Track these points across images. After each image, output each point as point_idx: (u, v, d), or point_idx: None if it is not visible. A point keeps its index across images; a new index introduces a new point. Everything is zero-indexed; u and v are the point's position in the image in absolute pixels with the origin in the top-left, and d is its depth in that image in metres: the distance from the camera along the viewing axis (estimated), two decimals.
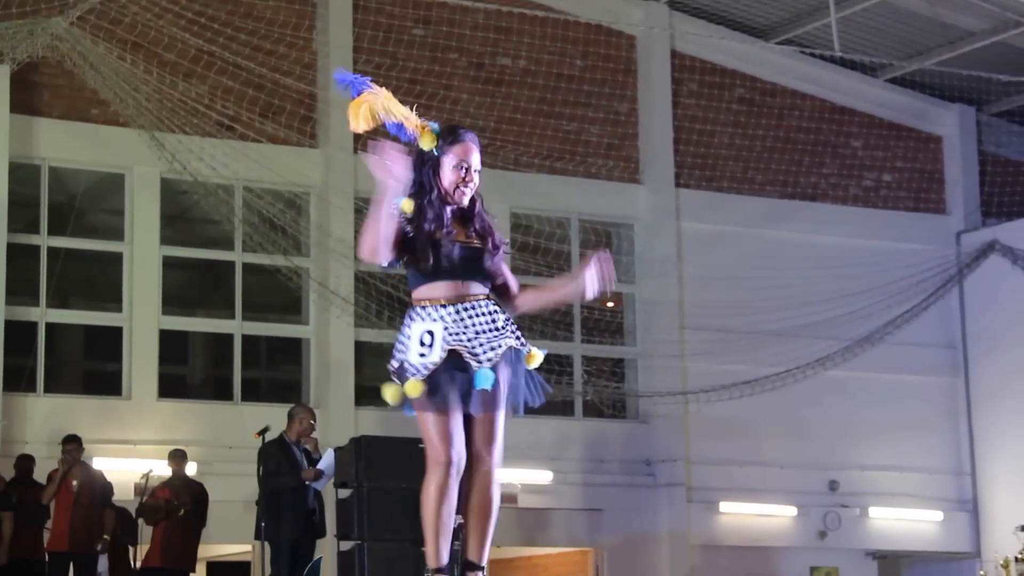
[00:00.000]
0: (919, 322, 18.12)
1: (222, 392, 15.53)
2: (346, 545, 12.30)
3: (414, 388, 5.20)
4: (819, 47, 17.49)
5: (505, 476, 16.33)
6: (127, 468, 13.57)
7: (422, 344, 5.25)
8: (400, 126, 5.26)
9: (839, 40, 16.70)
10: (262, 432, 12.07)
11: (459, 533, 5.46)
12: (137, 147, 14.52)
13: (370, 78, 5.31)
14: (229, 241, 15.49)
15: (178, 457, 13.11)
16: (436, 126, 5.30)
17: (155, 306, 15.02)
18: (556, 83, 17.10)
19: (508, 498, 16.10)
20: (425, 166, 5.27)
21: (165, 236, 15.26)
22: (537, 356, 5.34)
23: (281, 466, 12.00)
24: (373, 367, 16.66)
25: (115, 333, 14.97)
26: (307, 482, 12.01)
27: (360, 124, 5.22)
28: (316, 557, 12.03)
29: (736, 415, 17.03)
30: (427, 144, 5.26)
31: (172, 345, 15.34)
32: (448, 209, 5.33)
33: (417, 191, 5.28)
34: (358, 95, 5.23)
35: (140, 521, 12.78)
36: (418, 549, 12.08)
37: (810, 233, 18.04)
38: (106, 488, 12.97)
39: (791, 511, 17.66)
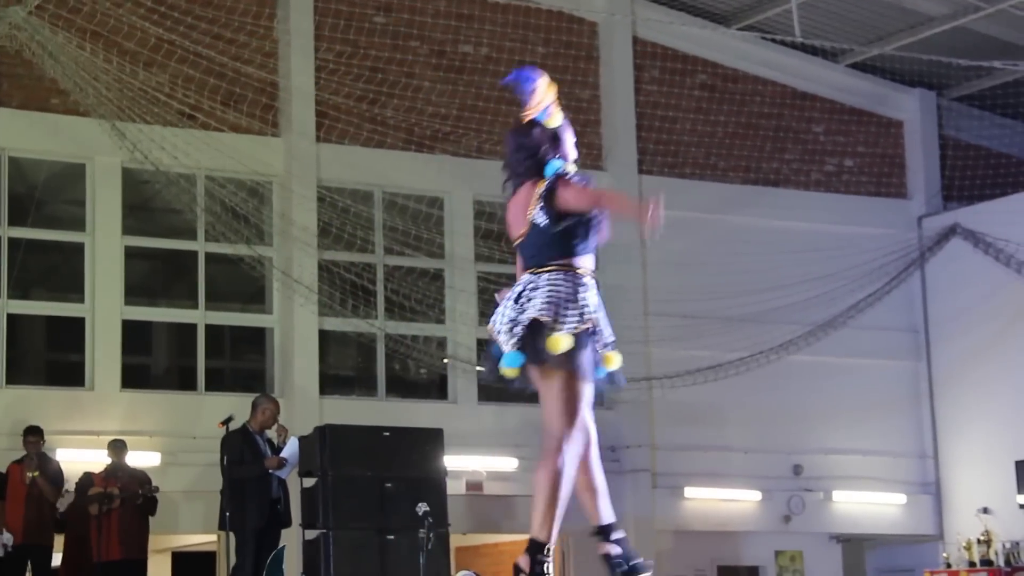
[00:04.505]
0: (881, 306, 18.26)
1: (186, 382, 15.52)
2: (311, 534, 12.35)
3: (559, 343, 5.42)
4: (780, 33, 17.58)
5: (470, 463, 16.48)
6: (90, 459, 13.52)
7: (594, 312, 5.56)
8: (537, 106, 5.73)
9: (800, 25, 16.80)
10: (226, 422, 12.09)
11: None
12: (98, 137, 14.47)
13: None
14: (191, 230, 15.47)
15: (118, 447, 13.06)
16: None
17: (117, 296, 14.99)
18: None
19: (473, 485, 16.18)
20: (562, 142, 5.73)
21: (127, 226, 15.22)
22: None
23: (244, 455, 12.03)
24: (337, 356, 16.70)
25: (77, 324, 14.93)
26: (271, 471, 12.04)
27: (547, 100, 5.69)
28: (280, 546, 12.05)
29: (700, 400, 17.13)
30: (556, 123, 5.74)
31: (135, 335, 15.31)
32: None
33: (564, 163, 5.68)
34: (538, 78, 5.73)
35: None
36: (383, 537, 12.22)
37: (773, 219, 18.14)
38: (57, 477, 12.93)
39: (756, 496, 17.78)
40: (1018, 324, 17.87)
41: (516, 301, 5.60)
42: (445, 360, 16.57)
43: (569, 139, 5.78)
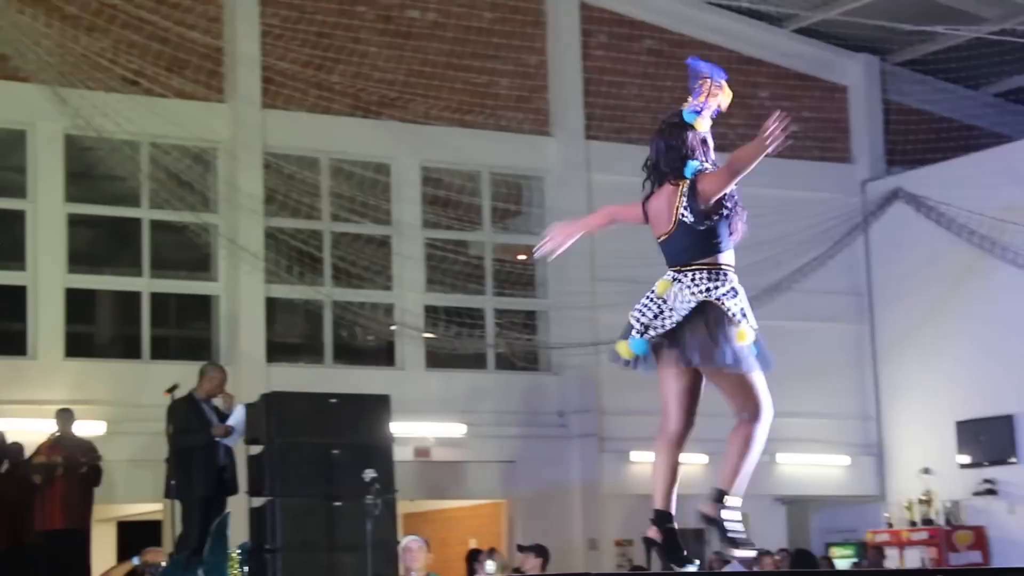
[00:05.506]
0: (826, 270, 18.22)
1: (131, 350, 15.27)
2: (258, 501, 12.21)
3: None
4: None
5: (418, 430, 16.32)
6: (35, 429, 13.27)
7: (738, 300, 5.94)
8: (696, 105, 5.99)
9: None
10: (171, 390, 11.92)
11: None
12: (39, 103, 14.18)
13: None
14: (135, 197, 15.21)
15: (65, 416, 12.80)
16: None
17: (60, 264, 14.71)
18: (465, 36, 16.93)
19: (421, 451, 16.05)
20: (687, 136, 5.97)
21: (70, 193, 14.92)
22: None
23: (191, 423, 11.86)
24: (284, 323, 16.50)
25: (19, 292, 14.64)
26: (217, 439, 11.87)
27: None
28: (224, 512, 11.87)
29: None
30: (704, 127, 6.01)
31: (79, 304, 15.04)
32: None
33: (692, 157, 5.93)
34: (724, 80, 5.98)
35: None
36: (330, 504, 12.05)
37: None
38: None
39: (702, 459, 17.60)
40: (959, 287, 17.90)
41: (666, 300, 5.89)
42: (393, 327, 16.42)
43: (711, 145, 5.98)
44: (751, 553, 5.92)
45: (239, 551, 11.91)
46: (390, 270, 16.32)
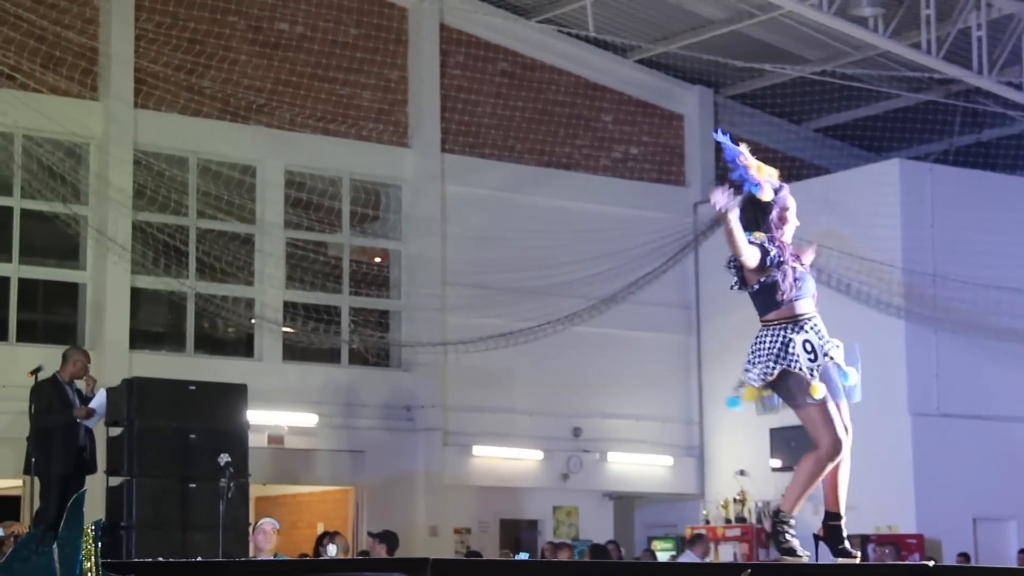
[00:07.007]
0: (659, 284, 18.63)
1: None
2: (115, 480, 12.09)
3: (817, 390, 6.26)
4: (576, 27, 17.80)
5: (273, 419, 16.30)
6: None
7: (806, 351, 6.27)
8: (751, 180, 6.45)
9: (593, 21, 17.05)
10: (35, 371, 11.75)
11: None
12: None
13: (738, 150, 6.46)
14: (8, 187, 14.98)
15: None
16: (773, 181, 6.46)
17: None
18: (331, 49, 17.00)
19: (275, 439, 16.04)
20: (770, 212, 6.40)
21: None
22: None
23: (53, 404, 11.71)
24: (148, 313, 16.38)
25: None
26: (78, 420, 11.75)
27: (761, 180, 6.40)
28: (82, 490, 11.75)
29: (491, 365, 17.29)
30: (768, 196, 6.36)
31: None
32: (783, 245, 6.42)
33: (764, 230, 6.40)
34: (740, 156, 6.48)
35: None
36: (185, 485, 11.98)
37: (564, 199, 18.36)
38: None
39: (538, 455, 18.02)
40: None
41: (751, 350, 6.46)
42: (252, 320, 16.39)
43: (783, 208, 6.43)
44: (854, 559, 6.45)
45: (93, 527, 11.79)
46: (252, 266, 16.30)
